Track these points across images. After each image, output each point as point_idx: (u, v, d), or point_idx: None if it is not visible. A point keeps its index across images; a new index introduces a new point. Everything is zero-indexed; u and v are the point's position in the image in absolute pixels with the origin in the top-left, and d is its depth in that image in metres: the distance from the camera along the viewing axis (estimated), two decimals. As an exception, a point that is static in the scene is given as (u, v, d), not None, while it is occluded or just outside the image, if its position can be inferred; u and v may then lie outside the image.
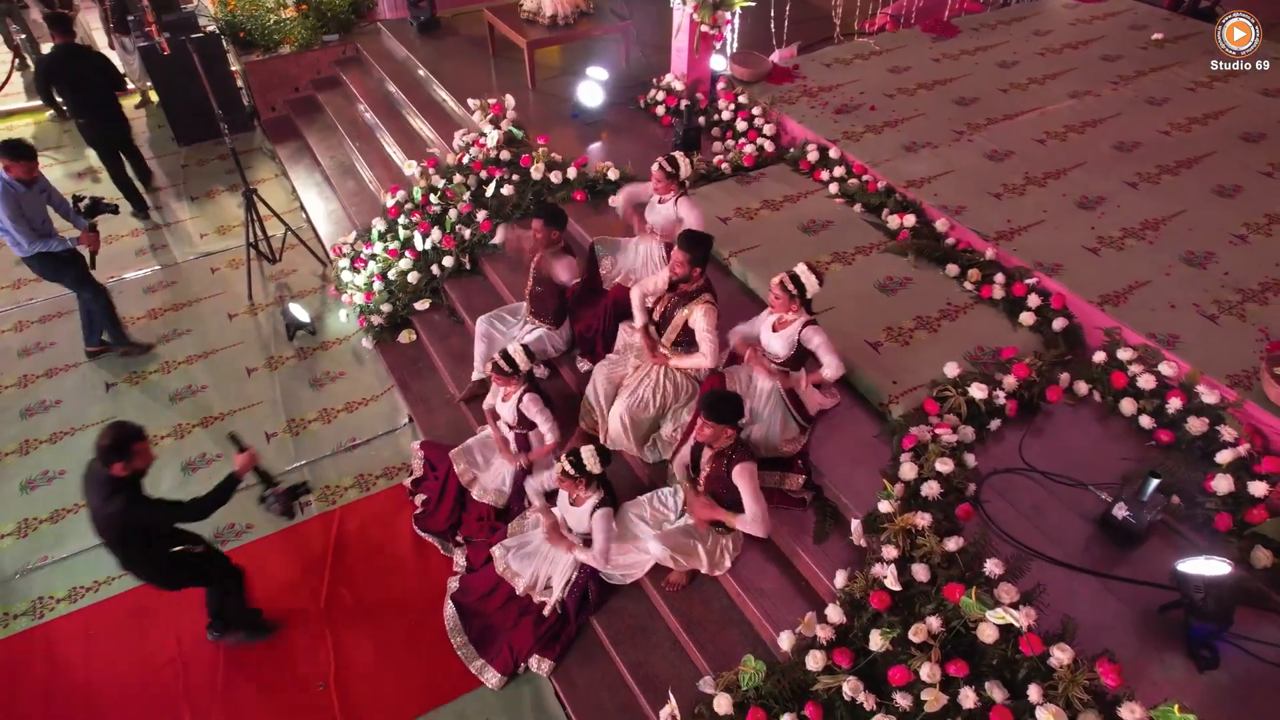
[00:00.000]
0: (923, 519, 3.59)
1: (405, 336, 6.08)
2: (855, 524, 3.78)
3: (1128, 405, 4.24)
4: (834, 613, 3.55)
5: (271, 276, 6.88)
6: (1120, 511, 3.67)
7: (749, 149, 6.23)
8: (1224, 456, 3.87)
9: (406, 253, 6.18)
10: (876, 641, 3.35)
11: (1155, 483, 3.56)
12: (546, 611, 4.18)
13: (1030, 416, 4.30)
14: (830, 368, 3.99)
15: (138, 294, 6.74)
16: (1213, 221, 5.26)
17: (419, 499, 4.97)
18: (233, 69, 8.82)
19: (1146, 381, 4.21)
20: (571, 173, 6.11)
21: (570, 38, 7.69)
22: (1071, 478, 3.97)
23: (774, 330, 4.10)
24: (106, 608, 4.51)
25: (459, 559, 4.68)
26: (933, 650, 3.27)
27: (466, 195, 6.24)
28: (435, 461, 5.09)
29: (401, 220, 6.39)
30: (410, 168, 6.69)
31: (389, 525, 4.93)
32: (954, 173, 5.76)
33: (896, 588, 3.45)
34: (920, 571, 3.48)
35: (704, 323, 4.22)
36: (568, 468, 3.88)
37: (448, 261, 6.03)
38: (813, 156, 6.07)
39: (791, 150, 6.27)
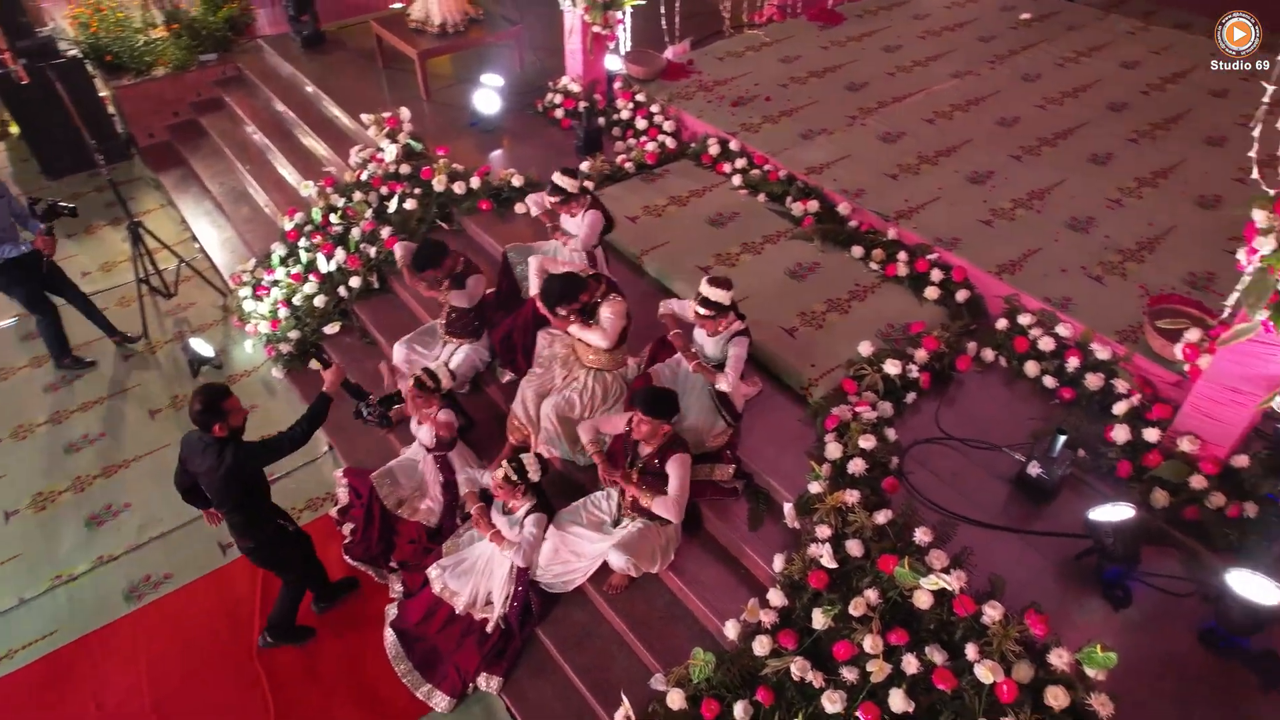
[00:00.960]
0: (851, 496, 3.70)
1: (317, 363, 5.87)
2: (788, 507, 3.87)
3: (1031, 368, 4.47)
4: (775, 596, 3.63)
5: (168, 312, 6.55)
6: (1034, 470, 3.86)
7: (651, 146, 6.28)
8: (1120, 408, 4.12)
9: (310, 276, 5.98)
10: (819, 620, 3.44)
11: (1063, 439, 3.76)
12: (490, 628, 4.12)
13: (943, 387, 4.49)
14: (725, 381, 4.05)
15: (13, 342, 6.31)
16: (1091, 188, 5.60)
17: (346, 528, 4.82)
18: (102, 95, 8.33)
19: (1046, 344, 4.45)
20: (475, 182, 6.03)
21: (461, 45, 7.58)
22: (986, 441, 4.16)
23: (708, 334, 4.15)
24: (15, 680, 4.21)
25: (395, 585, 4.56)
26: (873, 622, 3.37)
27: (368, 213, 6.08)
28: (360, 488, 4.94)
29: (302, 243, 6.17)
30: (307, 188, 6.47)
31: (319, 556, 4.76)
32: (851, 157, 5.95)
33: (833, 565, 3.54)
34: (854, 547, 3.58)
35: (606, 314, 4.24)
36: (510, 473, 3.87)
37: (355, 282, 5.87)
38: (714, 150, 6.16)
39: (692, 145, 6.35)
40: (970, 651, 3.16)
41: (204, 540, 4.86)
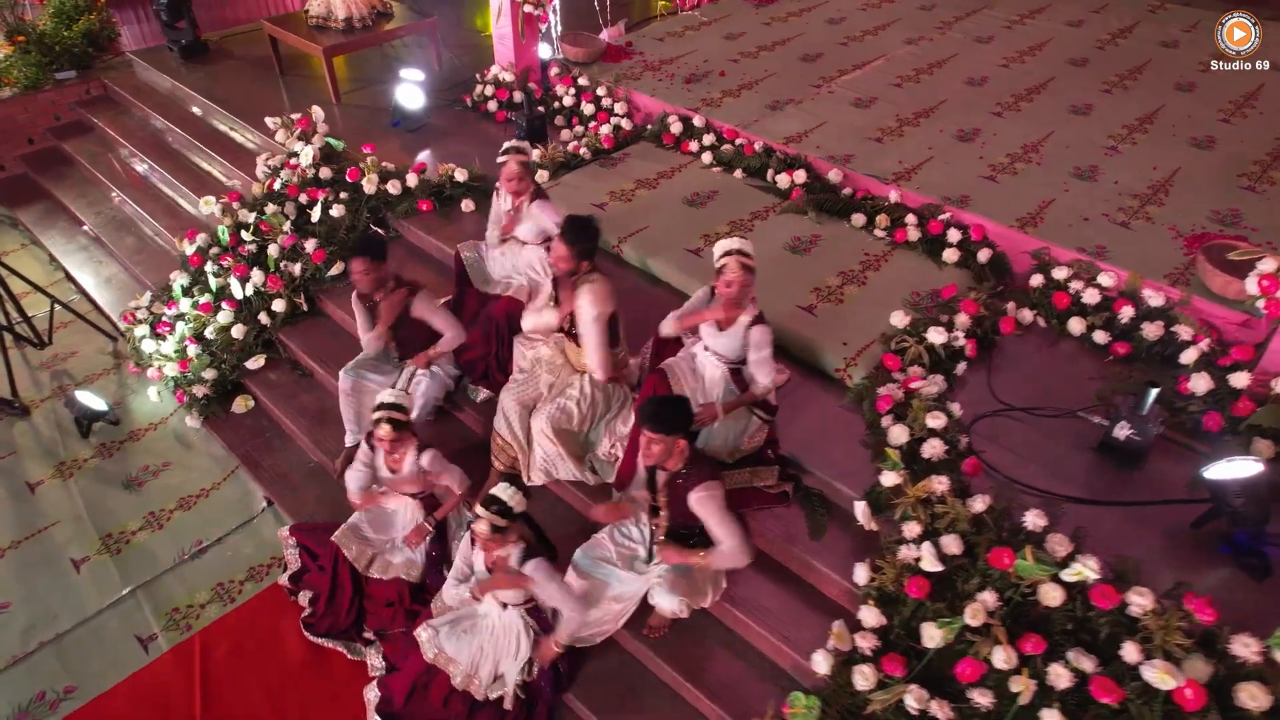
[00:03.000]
0: (940, 483, 3.11)
1: (241, 405, 4.93)
2: (860, 506, 3.25)
3: (1076, 324, 4.04)
4: (869, 615, 2.99)
5: (43, 364, 5.43)
6: (1122, 431, 3.39)
7: (606, 130, 5.64)
8: (1188, 356, 3.72)
9: (223, 304, 5.03)
10: (932, 636, 2.82)
11: (1155, 393, 3.30)
12: (508, 704, 3.32)
13: (986, 355, 3.99)
14: (764, 381, 3.42)
15: None
16: (1081, 138, 5.30)
17: (303, 597, 3.92)
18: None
19: (1091, 296, 4.02)
20: (411, 180, 5.24)
21: (371, 41, 6.77)
22: (1057, 408, 3.67)
23: (720, 328, 3.49)
24: None
25: (374, 659, 3.69)
26: (995, 630, 2.78)
27: (287, 225, 5.20)
28: (314, 547, 4.04)
29: (209, 268, 5.21)
30: (208, 205, 5.51)
31: (271, 638, 3.84)
32: (827, 124, 5.48)
33: (938, 567, 2.94)
34: (951, 544, 2.99)
35: (587, 313, 3.53)
36: (495, 520, 3.03)
37: (278, 306, 4.96)
38: (676, 128, 5.58)
39: (649, 127, 5.76)
40: (1130, 652, 2.61)
41: (116, 635, 3.87)
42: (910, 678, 2.84)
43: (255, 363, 4.93)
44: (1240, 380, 3.50)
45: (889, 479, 3.24)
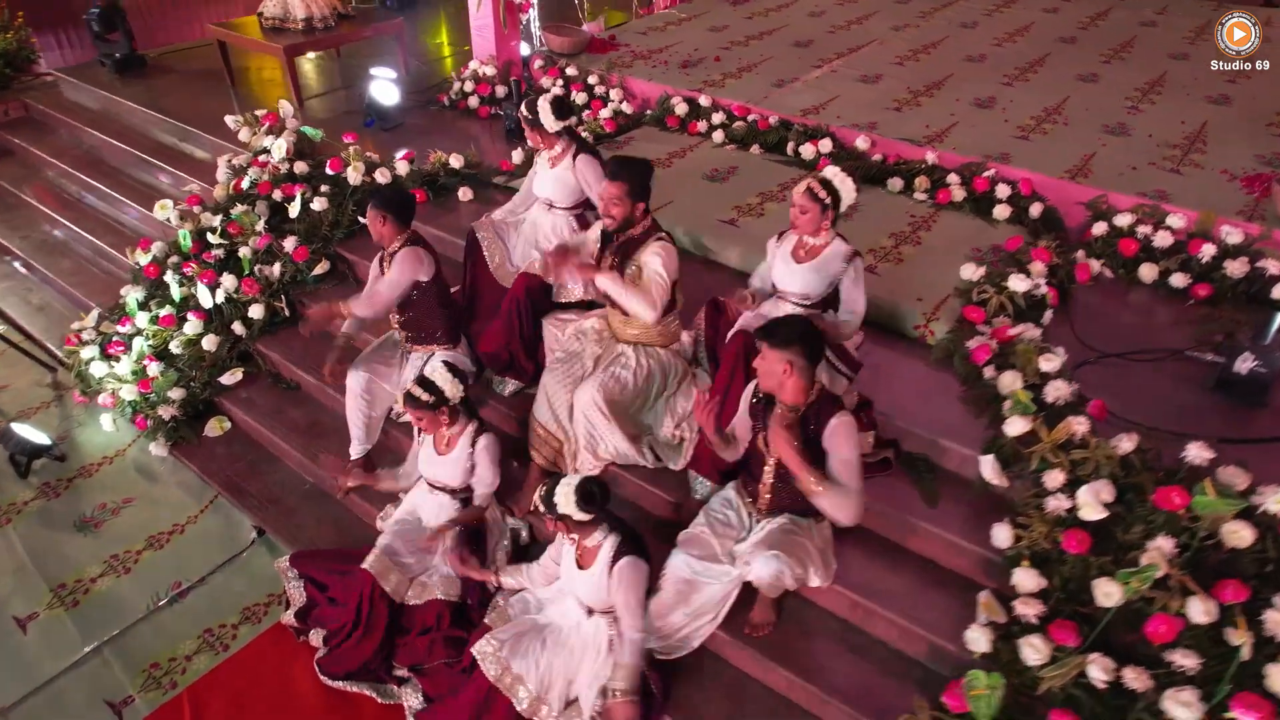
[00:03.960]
0: (1080, 423, 2.74)
1: (216, 427, 4.27)
2: (987, 460, 2.84)
3: (1147, 271, 3.79)
4: (1027, 578, 2.55)
5: (-34, 401, 4.66)
6: (1244, 365, 3.10)
7: (605, 114, 5.28)
8: (1280, 290, 3.49)
9: (190, 315, 4.40)
10: (1111, 594, 2.40)
11: (1280, 317, 3.03)
12: (592, 732, 2.75)
13: (1065, 305, 3.69)
14: (856, 316, 3.05)
15: None
16: (1098, 103, 5.19)
17: (315, 635, 3.27)
18: None
19: (1162, 239, 3.78)
20: (402, 168, 4.74)
21: (334, 41, 6.31)
22: (1164, 349, 3.37)
23: (796, 260, 3.10)
24: None
25: (410, 698, 3.06)
26: (1178, 581, 2.39)
27: (260, 225, 4.62)
28: (321, 577, 3.41)
29: (170, 277, 4.58)
30: (165, 210, 4.87)
31: (279, 688, 3.18)
32: (839, 99, 5.24)
33: (1101, 514, 2.54)
34: (1102, 490, 2.61)
35: (655, 263, 3.10)
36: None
37: (255, 312, 4.36)
38: (681, 109, 5.25)
39: (650, 111, 5.42)
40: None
41: (80, 702, 3.18)
42: (1086, 646, 2.41)
43: (231, 377, 4.29)
44: (1351, 305, 3.27)
45: (1015, 427, 2.85)
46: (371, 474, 3.51)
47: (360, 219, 4.57)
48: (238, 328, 4.37)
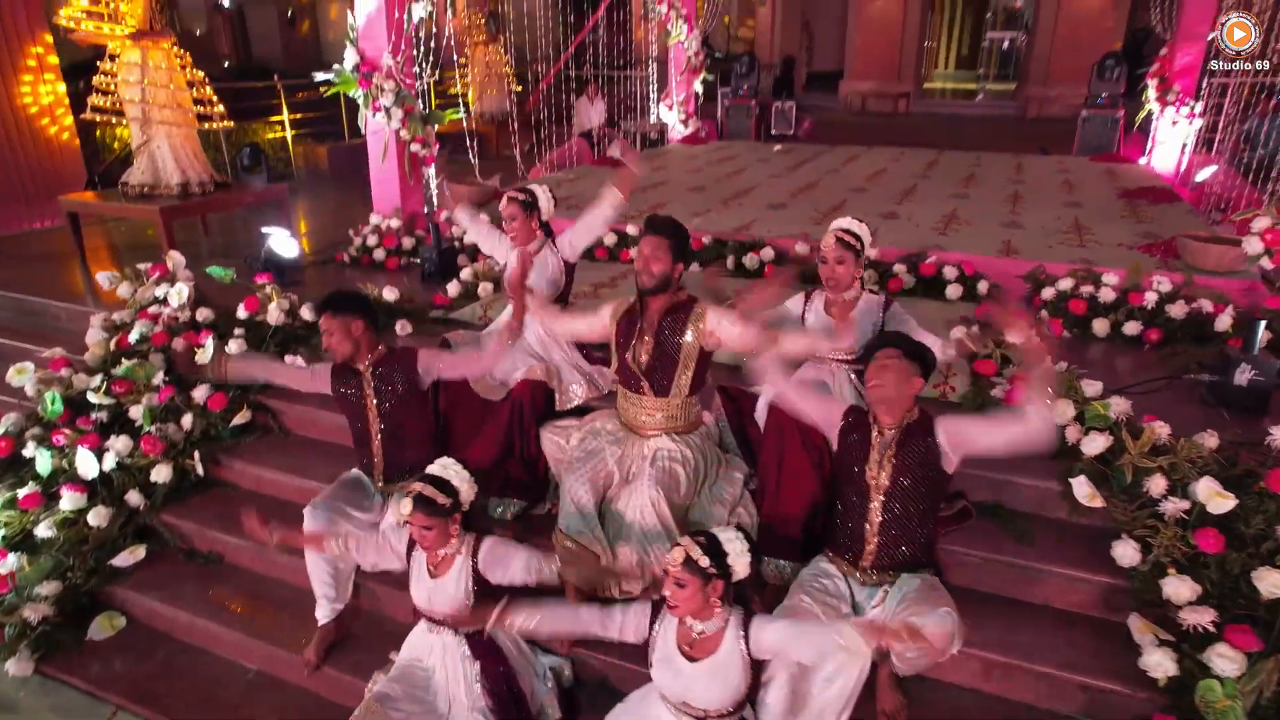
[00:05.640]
0: (1163, 427, 2.70)
1: (105, 625, 3.30)
2: (1078, 482, 2.70)
3: (1100, 325, 4.03)
4: (1181, 586, 2.36)
5: None
6: (1243, 377, 3.25)
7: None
8: (1223, 323, 3.80)
9: (65, 490, 3.52)
10: (1277, 584, 2.25)
11: (1262, 325, 3.25)
12: None
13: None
14: (941, 352, 2.87)
15: None
16: (982, 209, 5.86)
17: None
18: None
19: (1106, 294, 4.08)
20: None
21: (214, 207, 5.89)
22: (1160, 377, 3.50)
23: (833, 318, 3.00)
24: None
25: None
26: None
27: (159, 377, 3.92)
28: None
29: (33, 450, 3.70)
30: (21, 375, 4.01)
31: None
32: (757, 221, 5.53)
33: (1229, 503, 2.43)
34: (1201, 491, 2.53)
35: (726, 319, 2.84)
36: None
37: (160, 475, 3.58)
38: (610, 240, 5.27)
39: (576, 247, 5.38)
40: None
41: None
42: (1272, 646, 2.21)
43: (130, 557, 3.41)
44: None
45: (1095, 445, 2.76)
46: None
47: (287, 359, 4.01)
48: (133, 497, 3.55)
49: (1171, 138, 7.54)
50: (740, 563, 2.10)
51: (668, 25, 9.36)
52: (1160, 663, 2.25)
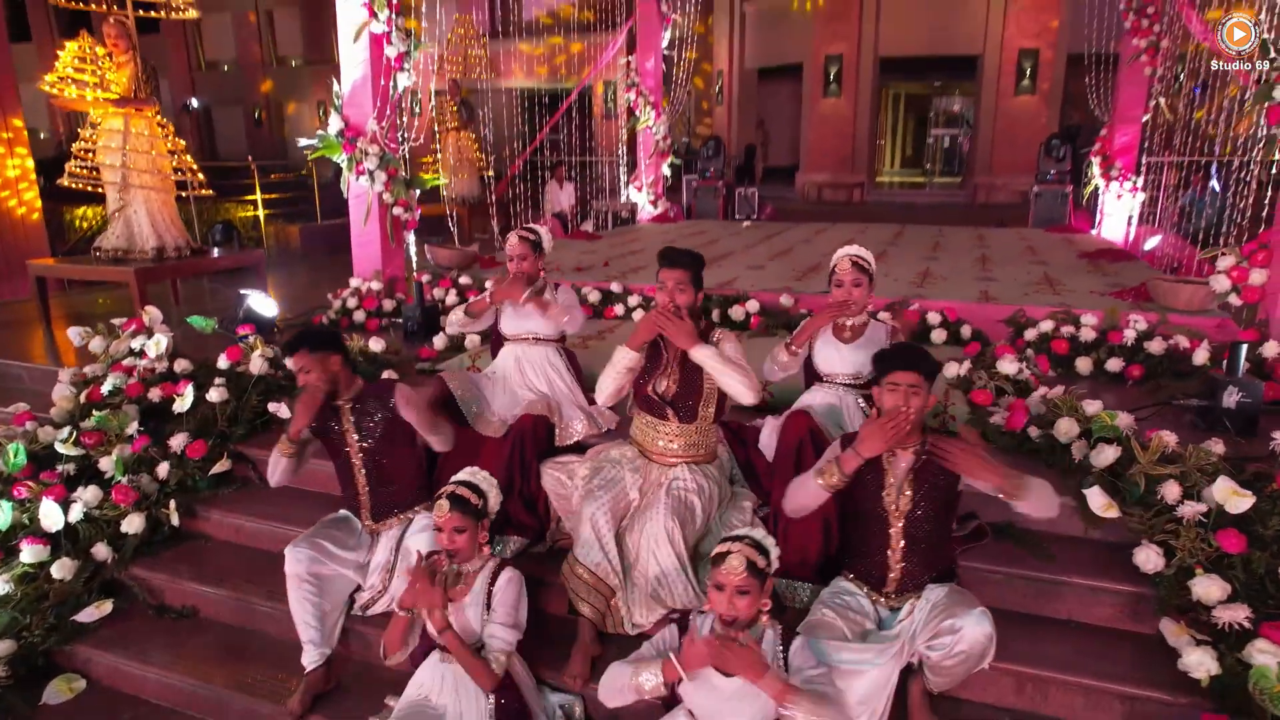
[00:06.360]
0: (1170, 435, 2.73)
1: (63, 689, 3.03)
2: (1093, 492, 2.68)
3: (1083, 363, 4.12)
4: (1211, 586, 2.32)
5: None
6: (1231, 399, 3.33)
7: (519, 305, 5.16)
8: (1200, 357, 3.91)
9: (25, 543, 3.29)
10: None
11: (1244, 348, 3.35)
12: None
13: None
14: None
15: None
16: (954, 267, 6.02)
17: None
18: None
19: (1086, 334, 4.19)
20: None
21: (191, 270, 5.79)
22: (1143, 404, 3.56)
23: (843, 342, 3.01)
24: None
25: None
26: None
27: (133, 427, 3.75)
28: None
29: (-9, 504, 3.48)
30: (-16, 431, 3.81)
31: None
32: (739, 278, 5.60)
33: (1247, 501, 2.43)
34: (1218, 492, 2.54)
35: (734, 350, 2.86)
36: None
37: (131, 525, 3.38)
38: (594, 297, 5.29)
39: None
40: None
41: None
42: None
43: (95, 613, 3.17)
44: (1271, 350, 3.72)
45: (1105, 456, 2.77)
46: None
47: (266, 410, 3.88)
48: (101, 550, 3.33)
49: (1118, 210, 7.97)
50: (775, 554, 2.06)
51: (635, 111, 9.74)
52: (1201, 661, 2.19)
